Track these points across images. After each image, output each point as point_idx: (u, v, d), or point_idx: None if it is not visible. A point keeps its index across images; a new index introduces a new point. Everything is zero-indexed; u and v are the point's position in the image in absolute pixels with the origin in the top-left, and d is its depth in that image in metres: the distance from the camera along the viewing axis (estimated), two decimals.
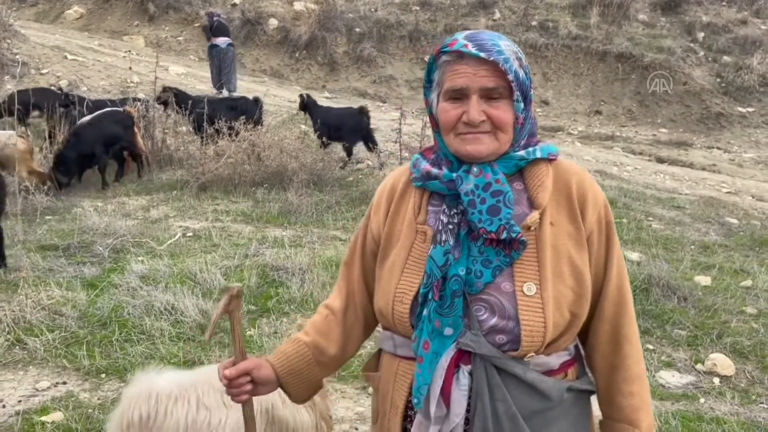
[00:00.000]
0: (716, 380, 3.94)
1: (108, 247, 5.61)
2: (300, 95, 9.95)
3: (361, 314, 1.64)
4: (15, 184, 7.14)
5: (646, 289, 4.97)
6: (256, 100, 9.90)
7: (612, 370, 1.50)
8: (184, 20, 18.26)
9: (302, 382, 1.62)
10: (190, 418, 2.16)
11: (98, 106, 9.08)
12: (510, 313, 1.38)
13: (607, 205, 1.50)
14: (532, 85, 1.46)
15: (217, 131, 8.46)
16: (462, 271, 1.40)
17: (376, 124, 11.10)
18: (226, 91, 12.45)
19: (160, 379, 2.28)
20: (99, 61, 13.94)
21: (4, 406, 3.44)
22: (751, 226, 7.65)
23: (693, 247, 6.55)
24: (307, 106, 9.55)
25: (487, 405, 1.38)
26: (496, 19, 17.51)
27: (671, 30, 17.49)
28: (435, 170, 1.48)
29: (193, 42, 17.51)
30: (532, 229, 1.42)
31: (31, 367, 3.82)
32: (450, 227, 1.44)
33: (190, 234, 6.28)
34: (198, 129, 9.27)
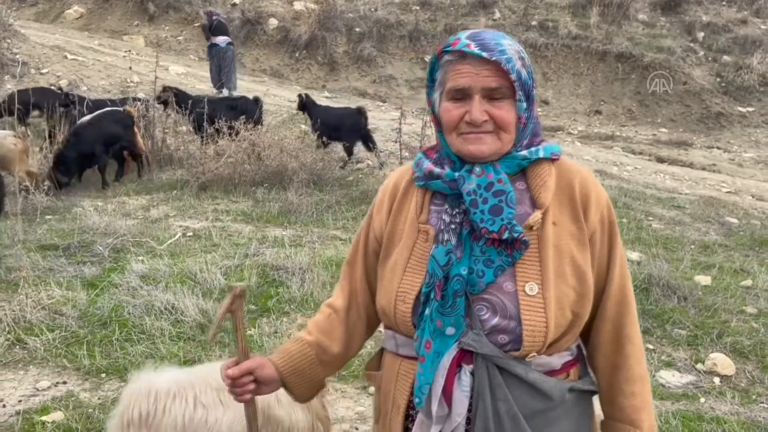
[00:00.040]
0: (716, 380, 3.94)
1: (108, 247, 5.60)
2: (299, 95, 9.97)
3: (364, 313, 1.63)
4: (15, 184, 7.14)
5: (646, 288, 4.97)
6: (256, 100, 9.91)
7: (614, 370, 1.49)
8: (184, 20, 18.26)
9: (305, 382, 1.62)
10: (188, 416, 2.17)
11: (98, 106, 9.08)
12: (512, 313, 1.38)
13: (610, 205, 1.50)
14: (535, 85, 1.46)
15: (217, 131, 8.46)
16: (464, 271, 1.40)
17: (377, 124, 11.10)
18: (227, 91, 12.45)
19: (159, 377, 2.29)
20: (99, 61, 13.94)
21: (5, 406, 3.44)
22: (751, 226, 7.65)
23: (693, 246, 6.55)
24: (306, 105, 9.59)
25: (488, 405, 1.38)
26: (496, 19, 17.51)
27: (671, 30, 17.49)
28: (437, 170, 1.48)
29: (193, 42, 17.51)
30: (535, 228, 1.42)
31: (31, 367, 3.82)
32: (452, 227, 1.44)
33: (190, 234, 6.28)
34: (198, 129, 9.27)
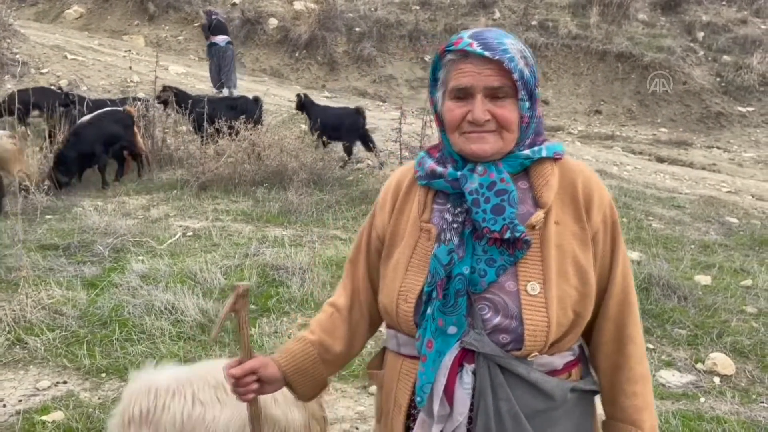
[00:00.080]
0: (716, 379, 3.95)
1: (108, 247, 5.60)
2: (297, 95, 10.00)
3: (366, 312, 1.63)
4: (15, 184, 7.14)
5: (646, 288, 4.97)
6: (256, 100, 9.92)
7: (615, 370, 1.49)
8: (184, 20, 18.26)
9: (308, 381, 1.62)
10: (186, 413, 2.18)
11: (98, 106, 9.08)
12: (513, 313, 1.38)
13: (613, 205, 1.50)
14: (538, 84, 1.45)
15: (217, 131, 8.45)
16: (466, 270, 1.40)
17: (377, 124, 11.10)
18: (226, 90, 12.44)
19: (159, 374, 2.30)
20: (99, 61, 13.94)
21: (5, 406, 3.44)
22: (751, 226, 7.65)
23: (693, 246, 6.56)
24: (305, 105, 9.64)
25: (490, 404, 1.38)
26: (495, 19, 17.51)
27: (671, 29, 17.49)
28: (440, 169, 1.48)
29: (193, 41, 17.50)
30: (537, 228, 1.42)
31: (31, 367, 3.82)
32: (454, 226, 1.43)
33: (190, 233, 6.28)
34: (198, 128, 9.27)
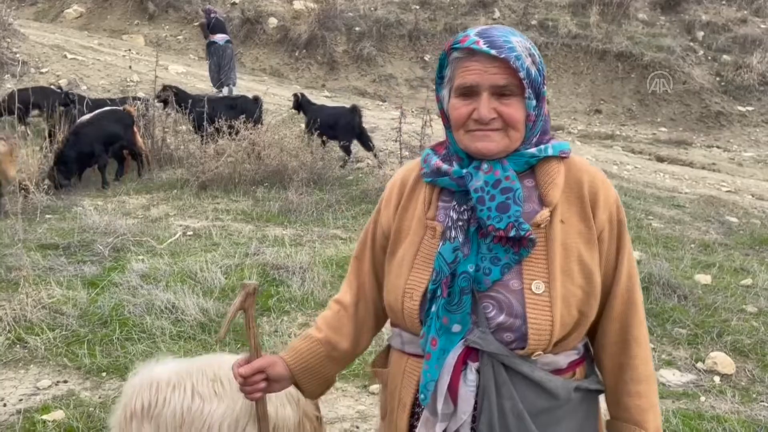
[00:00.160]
0: (717, 379, 3.95)
1: (108, 246, 5.60)
2: (294, 94, 10.06)
3: (372, 308, 1.63)
4: (15, 184, 7.13)
5: (647, 287, 4.97)
6: (256, 99, 9.92)
7: (620, 370, 1.49)
8: (184, 19, 18.26)
9: (316, 378, 1.62)
10: (186, 406, 2.19)
11: (98, 105, 9.08)
12: (518, 311, 1.38)
13: (619, 204, 1.49)
14: (545, 82, 1.45)
15: (217, 130, 8.45)
16: (471, 268, 1.39)
17: (376, 123, 11.11)
18: (226, 90, 12.43)
19: (160, 368, 2.31)
20: (99, 60, 13.94)
21: (5, 405, 3.44)
22: (751, 225, 7.66)
23: (693, 245, 6.56)
24: (301, 105, 9.73)
25: (493, 402, 1.38)
26: (495, 18, 17.52)
27: (671, 29, 17.50)
28: (445, 166, 1.47)
29: (193, 41, 17.51)
30: (542, 226, 1.41)
31: (32, 366, 3.82)
32: (459, 224, 1.43)
33: (191, 233, 6.28)
34: (198, 128, 9.27)
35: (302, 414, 2.30)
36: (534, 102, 1.41)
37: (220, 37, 12.70)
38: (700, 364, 4.08)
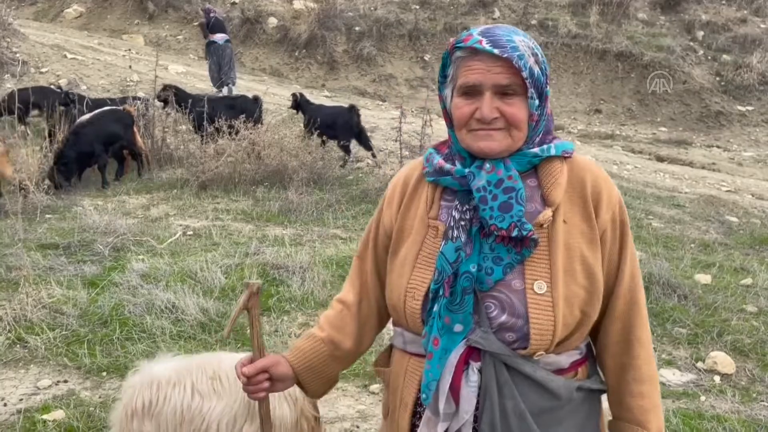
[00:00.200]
0: (717, 378, 3.95)
1: (108, 246, 5.60)
2: (293, 94, 10.09)
3: (375, 307, 1.63)
4: (16, 183, 7.13)
5: (647, 287, 4.97)
6: (256, 99, 9.93)
7: (622, 370, 1.49)
8: (184, 19, 18.26)
9: (319, 378, 1.62)
10: (185, 404, 2.20)
11: (98, 105, 9.08)
12: (520, 311, 1.37)
13: (622, 204, 1.49)
14: (548, 82, 1.44)
15: (217, 130, 8.45)
16: (473, 268, 1.39)
17: (377, 123, 11.11)
18: (226, 89, 12.43)
19: (160, 366, 2.32)
20: (98, 60, 13.93)
21: (6, 405, 3.44)
22: (751, 225, 7.66)
23: (693, 245, 6.56)
24: (300, 104, 9.77)
25: (495, 402, 1.38)
26: (495, 18, 17.52)
27: (671, 29, 17.51)
28: (448, 165, 1.47)
29: (193, 41, 17.51)
30: (545, 226, 1.41)
31: (32, 366, 3.82)
32: (462, 223, 1.42)
33: (191, 232, 6.28)
34: (198, 127, 9.27)
35: (300, 413, 2.31)
36: (537, 101, 1.41)
37: (219, 37, 12.69)
38: (700, 364, 4.08)
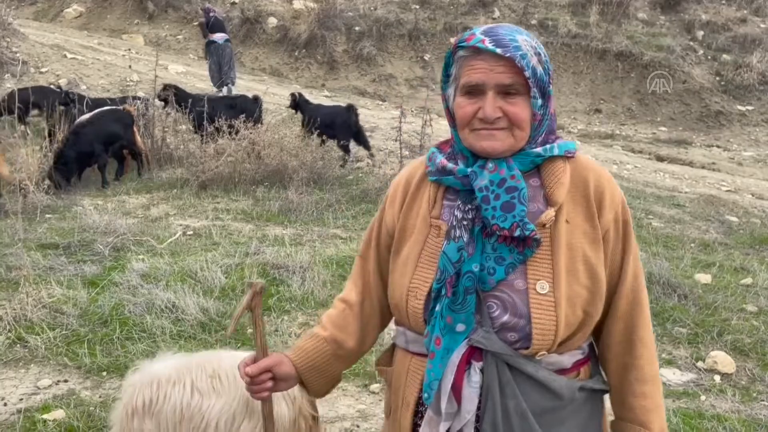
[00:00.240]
0: (717, 378, 3.95)
1: (108, 246, 5.60)
2: (291, 94, 10.11)
3: (378, 306, 1.63)
4: (15, 183, 7.13)
5: (647, 287, 4.95)
6: (256, 99, 9.93)
7: (624, 370, 1.48)
8: (184, 19, 18.26)
9: (322, 377, 1.62)
10: (185, 402, 2.21)
11: (98, 105, 9.08)
12: (522, 311, 1.37)
13: (625, 204, 1.48)
14: (551, 81, 1.44)
15: (217, 129, 8.45)
16: (475, 268, 1.39)
17: (376, 123, 11.11)
18: (226, 89, 12.42)
19: (160, 364, 2.32)
20: (98, 60, 13.93)
21: (6, 404, 3.44)
22: (751, 225, 7.66)
23: (693, 245, 6.56)
24: (299, 104, 9.79)
25: (497, 402, 1.38)
26: (495, 18, 17.51)
27: (671, 28, 17.51)
28: (450, 165, 1.47)
29: (193, 40, 17.50)
30: (547, 226, 1.41)
31: (32, 365, 3.82)
32: (464, 223, 1.42)
33: (191, 232, 6.28)
34: (198, 127, 9.27)
35: (298, 412, 2.31)
36: (540, 101, 1.41)
37: (219, 37, 12.69)
38: (700, 363, 4.08)
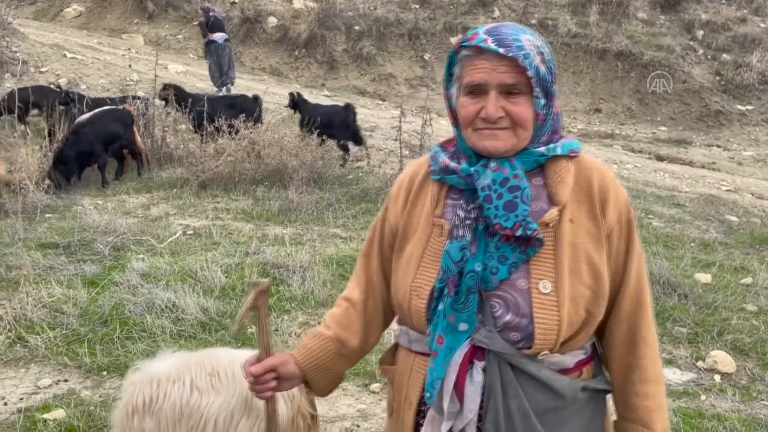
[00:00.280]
0: (717, 377, 3.95)
1: (108, 245, 5.60)
2: (290, 93, 10.11)
3: (381, 305, 1.63)
4: (16, 183, 7.13)
5: None
6: (256, 98, 9.93)
7: (627, 370, 1.48)
8: (183, 18, 18.25)
9: (326, 376, 1.63)
10: (184, 400, 2.21)
11: (98, 104, 9.07)
12: (524, 311, 1.37)
13: (629, 204, 1.48)
14: (555, 81, 1.44)
15: (217, 129, 8.45)
16: (478, 267, 1.39)
17: (376, 122, 11.11)
18: (225, 88, 12.42)
19: (160, 363, 2.33)
20: (98, 60, 13.93)
21: (6, 404, 3.44)
22: (751, 224, 7.67)
23: (693, 244, 6.56)
24: (297, 104, 9.78)
25: (499, 401, 1.37)
26: (495, 17, 17.51)
27: (671, 28, 17.50)
28: (453, 164, 1.47)
29: (193, 40, 17.50)
30: (551, 225, 1.40)
31: (32, 365, 3.82)
32: (467, 222, 1.42)
33: (191, 232, 6.28)
34: (198, 127, 9.27)
35: (296, 410, 2.31)
36: (543, 101, 1.40)
37: (219, 36, 12.68)
38: (700, 363, 4.08)
